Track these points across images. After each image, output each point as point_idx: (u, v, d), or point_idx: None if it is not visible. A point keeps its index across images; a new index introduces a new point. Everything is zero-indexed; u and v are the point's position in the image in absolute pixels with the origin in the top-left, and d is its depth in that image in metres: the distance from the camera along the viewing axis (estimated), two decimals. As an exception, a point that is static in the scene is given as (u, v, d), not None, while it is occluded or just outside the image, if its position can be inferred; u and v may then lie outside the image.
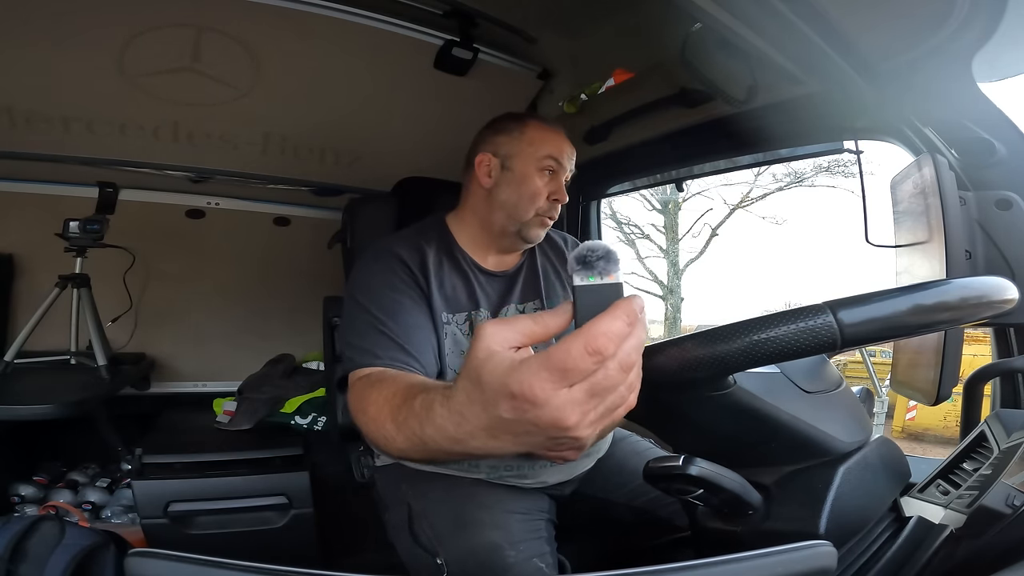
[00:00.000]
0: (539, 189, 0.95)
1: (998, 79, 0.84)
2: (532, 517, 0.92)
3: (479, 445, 0.41)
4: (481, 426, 0.39)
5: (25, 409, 1.35)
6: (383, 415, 0.56)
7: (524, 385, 0.35)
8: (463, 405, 0.40)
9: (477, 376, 0.38)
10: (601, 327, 0.34)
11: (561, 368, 0.34)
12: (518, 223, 0.96)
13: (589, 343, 0.34)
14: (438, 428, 0.44)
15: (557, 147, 0.96)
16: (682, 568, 0.38)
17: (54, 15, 1.17)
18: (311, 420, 1.76)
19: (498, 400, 0.37)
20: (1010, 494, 0.56)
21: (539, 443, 0.39)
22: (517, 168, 0.95)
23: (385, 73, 1.46)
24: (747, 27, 0.79)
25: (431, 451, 0.47)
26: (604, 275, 0.36)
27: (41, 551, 0.92)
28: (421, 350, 0.83)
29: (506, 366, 0.36)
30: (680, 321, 8.93)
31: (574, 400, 0.35)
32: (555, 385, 0.35)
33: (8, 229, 1.77)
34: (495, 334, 0.38)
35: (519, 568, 0.79)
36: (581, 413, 0.36)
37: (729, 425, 0.57)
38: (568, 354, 0.34)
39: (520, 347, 0.38)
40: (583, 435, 0.37)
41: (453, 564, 0.82)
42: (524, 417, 0.36)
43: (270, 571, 0.35)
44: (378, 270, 0.90)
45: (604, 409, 0.37)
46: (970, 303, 0.49)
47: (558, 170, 0.96)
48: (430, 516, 0.90)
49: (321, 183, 1.89)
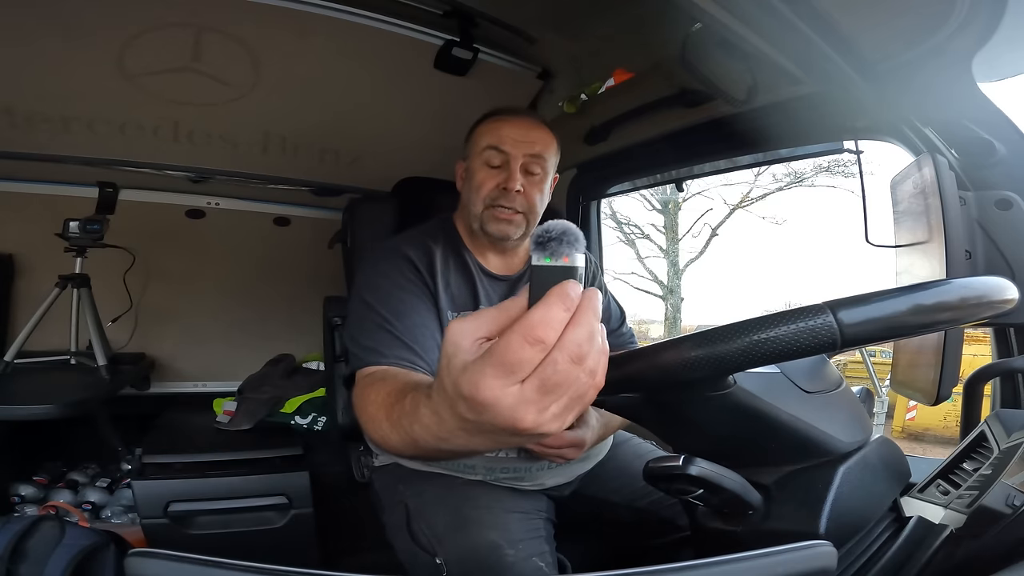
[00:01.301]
0: (481, 180, 0.93)
1: (998, 79, 0.83)
2: (531, 516, 0.92)
3: (462, 443, 0.40)
4: (456, 426, 0.38)
5: (25, 409, 1.35)
6: (380, 414, 0.57)
7: (472, 387, 0.34)
8: (438, 405, 0.40)
9: (442, 376, 0.37)
10: (536, 316, 0.33)
11: (503, 363, 0.33)
12: (476, 219, 0.95)
13: (527, 333, 0.33)
14: (424, 427, 0.44)
15: (496, 136, 0.93)
16: (682, 568, 0.38)
17: (54, 15, 1.18)
18: (311, 420, 1.76)
19: (457, 401, 0.36)
20: (1010, 494, 0.56)
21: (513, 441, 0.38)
22: (470, 167, 0.97)
23: (385, 73, 1.46)
24: (747, 27, 0.79)
25: (422, 449, 0.47)
26: (557, 257, 0.34)
27: (41, 551, 0.92)
28: (426, 348, 0.84)
29: (459, 366, 0.35)
30: (680, 321, 8.94)
31: (526, 399, 0.34)
32: (502, 382, 0.33)
33: (8, 229, 1.77)
34: (458, 329, 0.36)
35: (519, 567, 0.79)
36: (537, 411, 0.34)
37: (729, 425, 0.57)
38: (508, 347, 0.33)
39: (489, 338, 0.36)
40: (550, 430, 0.35)
41: (452, 563, 0.82)
42: (482, 419, 0.35)
43: (270, 571, 0.35)
44: (386, 270, 0.91)
45: (566, 401, 0.35)
46: (970, 303, 0.49)
47: (503, 159, 0.93)
48: (427, 516, 0.90)
49: (321, 183, 1.89)
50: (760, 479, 0.59)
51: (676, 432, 0.66)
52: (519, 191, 0.92)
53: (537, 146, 0.94)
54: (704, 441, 0.61)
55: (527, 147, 0.93)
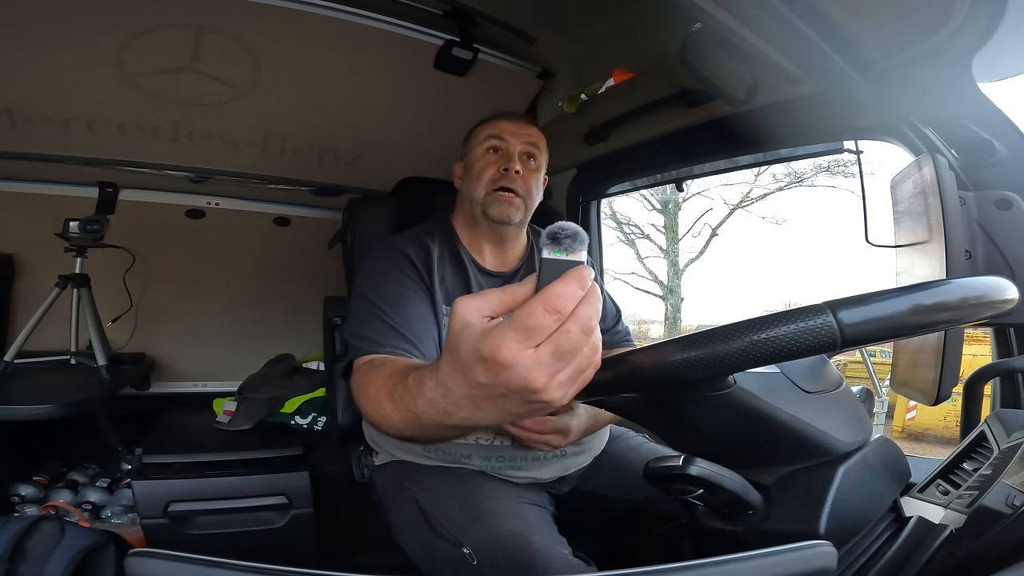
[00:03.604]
0: (485, 166, 1.01)
1: (998, 79, 0.83)
2: (541, 509, 0.94)
3: (465, 415, 0.43)
4: (464, 394, 0.42)
5: (25, 409, 1.35)
6: (381, 394, 0.59)
7: (493, 347, 0.38)
8: (447, 376, 0.43)
9: (455, 346, 0.41)
10: (556, 289, 0.38)
11: (524, 327, 0.37)
12: (479, 205, 1.01)
13: (547, 303, 0.37)
14: (428, 401, 0.47)
15: (495, 126, 1.03)
16: (682, 568, 0.38)
17: (55, 15, 1.18)
18: (311, 420, 1.76)
19: (472, 365, 0.40)
20: (1010, 494, 0.56)
21: (517, 409, 0.41)
22: (468, 161, 1.04)
23: (385, 73, 1.47)
24: (747, 27, 0.79)
25: (424, 426, 0.50)
26: (569, 252, 0.39)
27: (41, 551, 0.92)
28: (422, 339, 0.88)
29: (478, 333, 0.39)
30: (680, 321, 8.93)
31: (540, 361, 0.38)
32: (521, 345, 0.37)
33: (8, 229, 1.77)
34: (468, 305, 0.41)
35: (546, 554, 0.78)
36: (548, 375, 0.38)
37: (729, 425, 0.57)
38: (530, 314, 0.37)
39: (493, 316, 0.41)
40: (554, 397, 0.39)
41: (480, 552, 0.81)
42: (497, 380, 0.39)
43: (270, 571, 0.35)
44: (385, 266, 0.96)
45: (572, 371, 0.39)
46: (970, 303, 0.49)
47: (501, 145, 1.02)
48: (443, 509, 0.90)
49: (321, 183, 1.89)
50: (760, 479, 0.59)
51: (676, 432, 0.66)
52: (518, 172, 1.00)
53: (533, 138, 1.04)
54: (704, 441, 0.61)
55: (524, 137, 1.03)
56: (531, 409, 0.41)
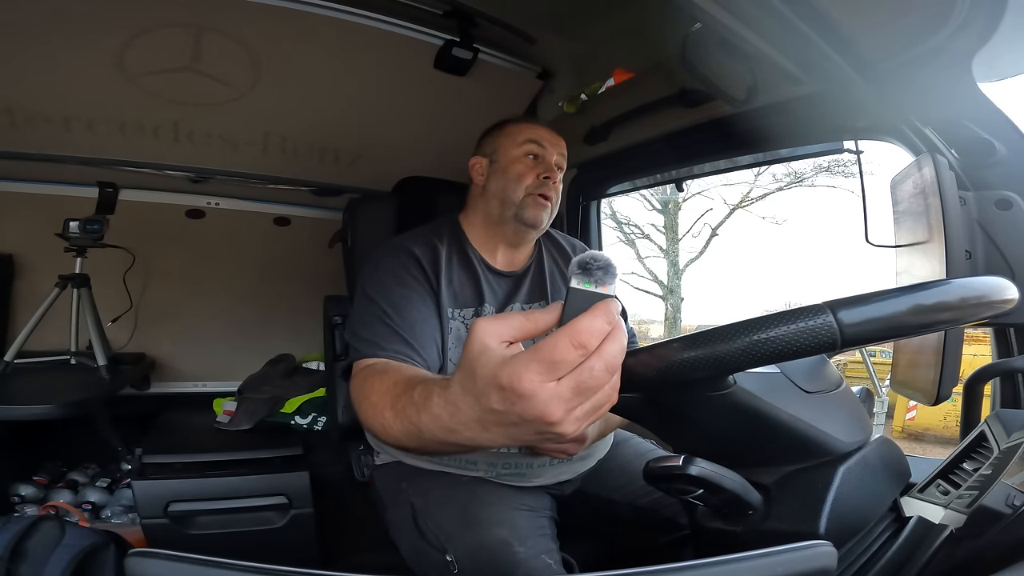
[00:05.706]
0: (524, 170, 1.00)
1: (998, 79, 0.83)
2: (537, 514, 0.93)
3: (471, 436, 0.43)
4: (473, 417, 0.41)
5: (25, 409, 1.35)
6: (383, 403, 0.59)
7: (513, 377, 0.37)
8: (458, 396, 0.42)
9: (471, 368, 0.40)
10: (584, 324, 0.37)
11: (548, 360, 0.37)
12: (513, 206, 1.00)
13: (574, 337, 0.36)
14: (433, 417, 0.46)
15: (534, 131, 1.03)
16: (682, 568, 0.38)
17: (55, 15, 1.17)
18: (311, 420, 1.76)
19: (489, 391, 0.39)
20: (1010, 494, 0.56)
21: (527, 437, 0.41)
22: (502, 159, 1.02)
23: (385, 73, 1.46)
24: (747, 27, 0.79)
25: (425, 440, 0.49)
26: (599, 284, 0.38)
27: (41, 551, 0.92)
28: (424, 344, 0.87)
29: (498, 360, 0.38)
30: (680, 321, 8.93)
31: (560, 396, 0.37)
32: (543, 377, 0.37)
33: (8, 229, 1.77)
34: (488, 329, 0.40)
35: (529, 564, 0.79)
36: (566, 409, 0.37)
37: (729, 425, 0.57)
38: (555, 347, 0.36)
39: (512, 342, 0.40)
40: (568, 431, 0.39)
41: (463, 560, 0.82)
42: (512, 409, 0.38)
43: (270, 571, 0.35)
44: (390, 266, 0.94)
45: (590, 407, 0.39)
46: (970, 303, 0.49)
47: (540, 152, 1.02)
48: (435, 514, 0.90)
49: (321, 183, 1.89)
50: (760, 479, 0.59)
51: (676, 432, 0.66)
52: (555, 182, 1.02)
53: (563, 149, 1.06)
54: (704, 441, 0.61)
55: (559, 148, 1.05)
56: (541, 439, 0.40)
